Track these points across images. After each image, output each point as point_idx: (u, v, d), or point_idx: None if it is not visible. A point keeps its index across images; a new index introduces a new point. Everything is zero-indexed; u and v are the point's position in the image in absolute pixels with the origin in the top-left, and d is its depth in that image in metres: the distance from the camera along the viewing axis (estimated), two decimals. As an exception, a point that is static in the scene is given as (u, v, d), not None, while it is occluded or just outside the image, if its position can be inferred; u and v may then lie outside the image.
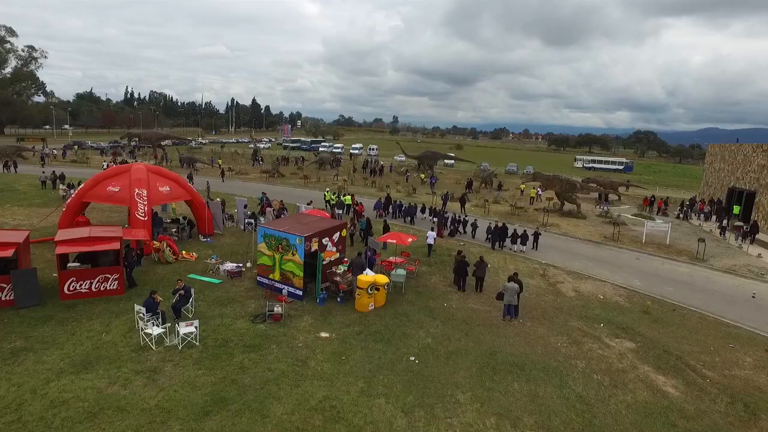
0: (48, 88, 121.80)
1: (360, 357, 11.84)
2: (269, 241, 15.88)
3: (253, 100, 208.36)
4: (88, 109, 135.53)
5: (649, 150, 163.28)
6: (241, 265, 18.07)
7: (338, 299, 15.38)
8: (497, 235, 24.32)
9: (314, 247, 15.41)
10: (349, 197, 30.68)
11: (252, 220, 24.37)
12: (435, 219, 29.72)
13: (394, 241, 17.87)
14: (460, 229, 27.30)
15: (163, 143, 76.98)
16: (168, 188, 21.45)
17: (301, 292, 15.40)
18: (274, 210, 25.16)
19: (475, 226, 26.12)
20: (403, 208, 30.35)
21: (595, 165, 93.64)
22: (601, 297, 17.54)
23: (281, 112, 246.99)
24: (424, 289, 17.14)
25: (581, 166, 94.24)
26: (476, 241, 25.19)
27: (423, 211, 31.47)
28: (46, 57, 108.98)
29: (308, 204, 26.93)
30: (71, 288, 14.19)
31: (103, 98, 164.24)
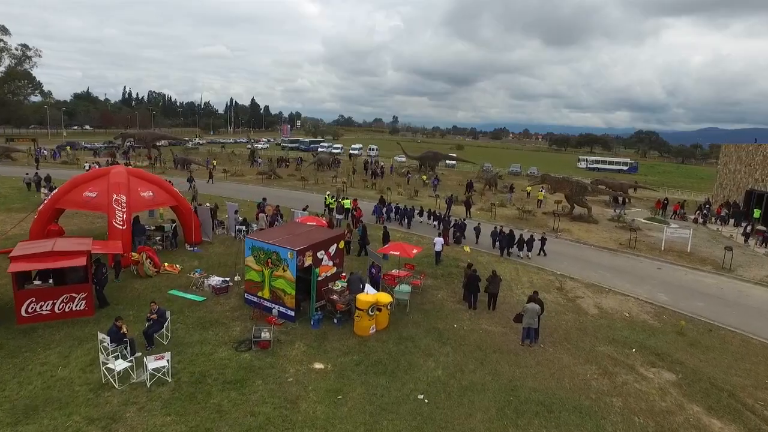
0: (47, 88, 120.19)
1: (360, 395, 10.10)
2: (257, 255, 14.16)
3: (252, 99, 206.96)
4: (84, 109, 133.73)
5: (650, 150, 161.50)
6: (228, 279, 16.33)
7: (335, 321, 13.65)
8: (506, 241, 22.77)
9: (308, 261, 13.69)
10: (348, 201, 28.93)
11: (243, 227, 22.71)
12: (436, 223, 28.17)
13: (397, 253, 16.14)
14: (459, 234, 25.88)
15: (158, 144, 75.44)
16: (151, 193, 19.70)
17: (293, 313, 13.67)
18: (267, 216, 23.43)
19: (478, 231, 24.45)
20: (398, 212, 28.82)
21: (599, 165, 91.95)
22: (627, 315, 15.81)
23: (281, 112, 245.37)
24: (431, 306, 15.41)
25: (585, 166, 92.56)
26: (482, 249, 23.45)
27: (420, 214, 29.94)
28: (40, 56, 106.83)
29: (304, 209, 25.19)
30: (30, 310, 12.45)
31: (102, 98, 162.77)
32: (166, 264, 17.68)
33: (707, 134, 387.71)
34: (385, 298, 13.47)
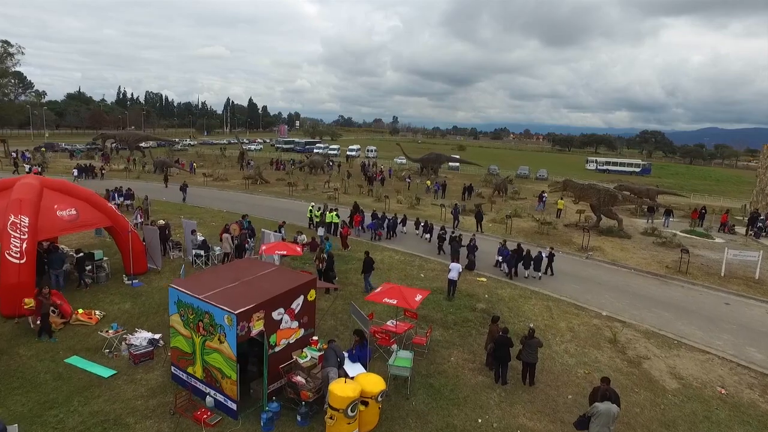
0: (47, 89, 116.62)
1: None
2: (185, 314, 9.52)
3: (250, 100, 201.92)
4: (75, 110, 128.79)
5: (655, 150, 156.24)
6: (158, 337, 11.69)
7: (297, 418, 8.99)
8: (515, 260, 19.01)
9: (257, 327, 9.04)
10: (334, 214, 24.29)
11: (201, 252, 18.09)
12: (428, 236, 24.23)
13: (394, 302, 11.44)
14: (444, 247, 21.88)
15: (143, 145, 71.26)
16: (73, 211, 15.04)
17: (234, 405, 9.02)
18: (233, 237, 18.76)
19: (473, 248, 19.74)
20: (376, 219, 24.88)
21: (610, 167, 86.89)
22: (723, 390, 11.12)
23: (280, 113, 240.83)
24: (443, 380, 10.73)
25: (594, 168, 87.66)
26: (481, 270, 18.88)
27: (404, 223, 25.95)
28: (23, 53, 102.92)
29: (280, 227, 20.57)
30: None
31: (99, 99, 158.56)
32: (80, 311, 13.02)
33: (708, 134, 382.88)
34: (373, 384, 8.80)
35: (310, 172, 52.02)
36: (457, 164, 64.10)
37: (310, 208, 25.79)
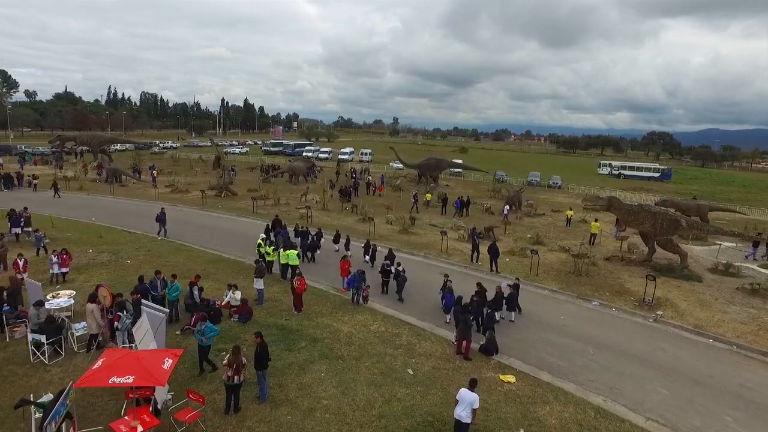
0: (43, 90, 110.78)
1: None
2: None
3: (246, 100, 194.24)
4: (58, 110, 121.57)
5: (663, 152, 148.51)
6: None
7: None
8: (480, 307, 13.46)
9: None
10: (294, 252, 16.97)
11: (42, 338, 10.79)
12: (368, 259, 18.67)
13: None
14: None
15: (117, 147, 64.65)
16: None
17: None
18: (101, 308, 11.43)
19: (490, 319, 12.93)
20: (300, 236, 20.12)
21: (626, 172, 78.86)
22: None
23: (278, 114, 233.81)
24: None
25: (608, 172, 79.75)
26: (510, 353, 11.55)
27: (336, 240, 20.36)
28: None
29: (191, 286, 13.22)
30: None
31: (95, 99, 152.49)
32: None
33: (709, 135, 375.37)
34: None
35: (290, 180, 44.70)
36: (460, 170, 56.84)
37: (260, 241, 18.40)
